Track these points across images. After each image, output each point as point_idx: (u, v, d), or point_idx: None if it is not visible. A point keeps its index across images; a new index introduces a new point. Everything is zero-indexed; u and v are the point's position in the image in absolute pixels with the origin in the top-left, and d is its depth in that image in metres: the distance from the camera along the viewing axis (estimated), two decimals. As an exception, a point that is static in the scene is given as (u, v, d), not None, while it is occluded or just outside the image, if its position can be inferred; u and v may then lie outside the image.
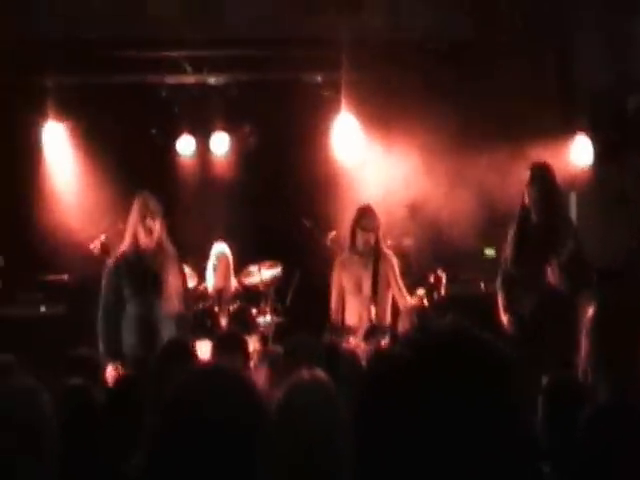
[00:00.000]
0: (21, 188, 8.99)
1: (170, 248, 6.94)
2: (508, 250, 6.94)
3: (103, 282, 6.98)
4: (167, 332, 6.67)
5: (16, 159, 9.04)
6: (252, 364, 5.63)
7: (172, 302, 6.81)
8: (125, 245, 6.90)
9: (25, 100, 9.15)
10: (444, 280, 7.10)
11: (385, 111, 9.18)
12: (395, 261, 7.50)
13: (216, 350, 5.41)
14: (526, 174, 6.89)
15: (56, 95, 9.34)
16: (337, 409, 3.17)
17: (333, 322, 7.37)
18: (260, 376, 4.46)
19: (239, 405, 2.14)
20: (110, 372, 6.48)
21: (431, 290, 7.09)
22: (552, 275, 6.61)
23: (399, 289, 7.41)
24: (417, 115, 8.90)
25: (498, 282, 6.99)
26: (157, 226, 6.83)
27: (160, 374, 4.48)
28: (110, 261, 6.98)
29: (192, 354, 4.85)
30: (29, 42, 8.99)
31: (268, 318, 8.32)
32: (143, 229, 6.82)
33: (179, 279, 6.94)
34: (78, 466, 3.57)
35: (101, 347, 6.73)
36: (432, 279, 7.14)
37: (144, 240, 6.82)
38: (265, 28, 9.30)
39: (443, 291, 7.07)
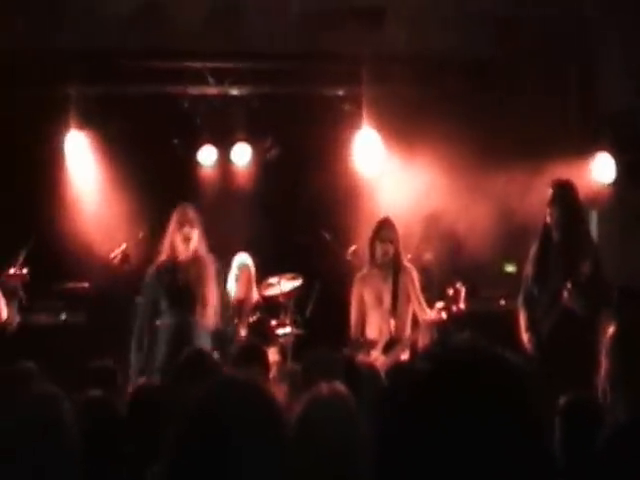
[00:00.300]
0: (43, 196, 9.01)
1: (209, 259, 6.88)
2: (529, 268, 6.93)
3: (142, 292, 7.05)
4: (202, 344, 6.63)
5: (38, 168, 9.07)
6: (271, 376, 5.63)
7: (207, 314, 6.76)
8: (163, 256, 6.88)
9: (48, 109, 9.19)
10: (463, 293, 7.10)
11: (406, 126, 9.18)
12: (415, 274, 7.48)
13: (235, 361, 5.40)
14: (548, 192, 6.88)
15: (78, 105, 9.39)
16: (357, 423, 3.19)
17: (353, 336, 7.36)
18: (279, 392, 4.46)
19: (259, 417, 2.15)
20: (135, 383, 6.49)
21: (450, 303, 7.09)
22: (568, 296, 6.58)
23: (419, 302, 7.38)
24: (438, 130, 8.90)
25: (520, 300, 6.97)
26: (195, 236, 6.79)
27: (180, 384, 4.51)
28: (148, 272, 6.97)
29: (212, 364, 4.86)
30: (52, 52, 9.05)
31: (287, 330, 8.30)
32: (180, 238, 6.79)
33: (216, 291, 6.87)
34: (99, 475, 3.59)
35: (132, 356, 6.80)
36: (451, 292, 7.14)
37: (181, 249, 6.78)
38: (287, 41, 9.34)
39: (462, 305, 7.06)
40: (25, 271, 6.52)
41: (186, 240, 6.75)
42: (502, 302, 8.75)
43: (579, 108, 9.50)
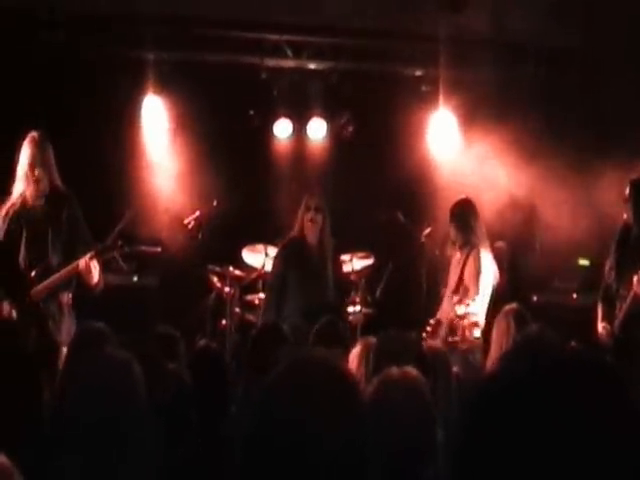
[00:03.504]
0: (118, 159, 9.08)
1: (330, 242, 7.54)
2: (608, 263, 6.93)
3: (271, 266, 7.78)
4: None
5: (115, 131, 9.15)
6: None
7: (329, 292, 7.40)
8: (292, 234, 7.57)
9: (126, 73, 9.29)
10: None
11: (482, 109, 9.12)
12: (480, 256, 7.28)
13: (314, 343, 5.35)
14: (626, 189, 6.85)
15: (156, 70, 9.46)
16: (430, 408, 3.19)
17: (432, 320, 7.30)
18: (352, 363, 4.46)
19: (336, 397, 2.13)
20: None
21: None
22: (637, 283, 6.55)
23: (473, 285, 7.25)
24: (514, 115, 8.83)
25: (600, 294, 6.97)
26: (320, 220, 7.47)
27: (255, 354, 4.60)
28: (280, 245, 7.72)
29: (286, 338, 4.91)
30: (133, 16, 9.12)
31: (358, 308, 8.31)
32: (307, 220, 7.49)
33: (336, 272, 7.55)
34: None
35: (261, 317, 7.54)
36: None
37: (308, 230, 7.49)
38: (367, 18, 9.31)
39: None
40: (121, 243, 6.71)
41: (312, 223, 7.47)
42: (574, 295, 8.68)
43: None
